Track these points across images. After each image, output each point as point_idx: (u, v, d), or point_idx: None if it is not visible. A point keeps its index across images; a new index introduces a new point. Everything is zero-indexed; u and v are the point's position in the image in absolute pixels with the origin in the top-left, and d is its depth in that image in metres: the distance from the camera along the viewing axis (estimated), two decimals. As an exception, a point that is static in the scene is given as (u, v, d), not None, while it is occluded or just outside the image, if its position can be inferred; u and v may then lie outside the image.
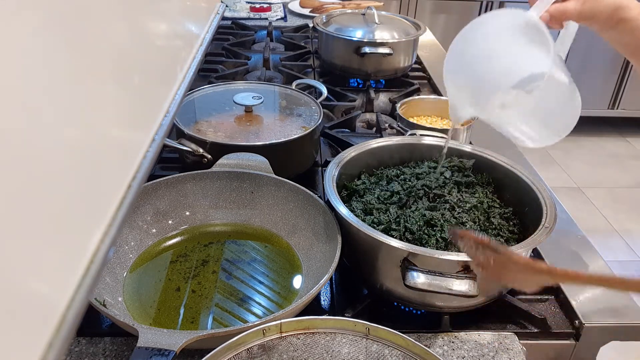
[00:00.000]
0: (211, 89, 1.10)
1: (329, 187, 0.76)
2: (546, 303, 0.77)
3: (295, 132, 0.96)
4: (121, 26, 0.47)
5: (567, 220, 0.93)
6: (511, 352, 0.68)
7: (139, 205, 0.80)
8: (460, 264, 0.65)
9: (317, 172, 1.05)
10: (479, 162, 0.88)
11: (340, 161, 0.83)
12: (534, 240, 0.69)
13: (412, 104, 1.15)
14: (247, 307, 0.71)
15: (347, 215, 0.71)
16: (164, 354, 0.54)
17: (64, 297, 0.34)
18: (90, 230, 0.39)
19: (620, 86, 3.17)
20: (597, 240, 0.93)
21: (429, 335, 0.70)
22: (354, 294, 0.78)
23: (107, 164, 0.43)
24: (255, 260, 0.79)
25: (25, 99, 0.30)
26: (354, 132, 1.22)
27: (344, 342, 0.58)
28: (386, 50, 1.39)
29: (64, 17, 0.35)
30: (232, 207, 0.86)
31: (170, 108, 0.60)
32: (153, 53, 0.58)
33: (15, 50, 0.29)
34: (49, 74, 0.33)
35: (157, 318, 0.69)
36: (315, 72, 1.52)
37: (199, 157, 0.90)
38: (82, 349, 0.66)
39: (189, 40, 0.77)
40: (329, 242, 0.75)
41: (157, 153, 0.53)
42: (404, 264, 0.66)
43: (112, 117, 0.45)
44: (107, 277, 0.71)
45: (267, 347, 0.56)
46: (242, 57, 1.56)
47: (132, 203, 0.45)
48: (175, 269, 0.77)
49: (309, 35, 1.79)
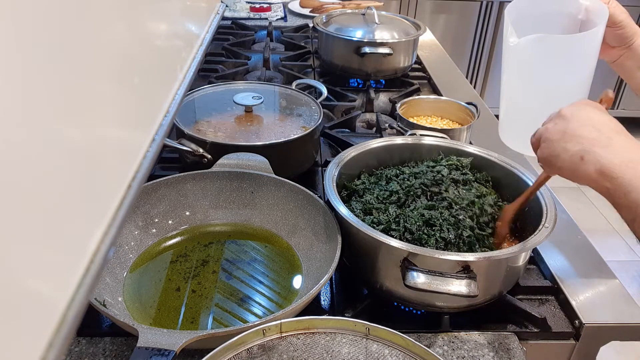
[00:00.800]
0: (211, 89, 1.10)
1: (329, 187, 0.76)
2: (546, 303, 0.77)
3: (295, 132, 0.96)
4: (121, 26, 0.47)
5: (567, 220, 0.93)
6: (511, 352, 0.68)
7: (139, 205, 0.80)
8: (460, 264, 0.65)
9: (317, 172, 1.05)
10: (479, 161, 0.88)
11: (340, 161, 0.83)
12: (534, 240, 0.69)
13: (412, 104, 1.15)
14: (247, 307, 0.71)
15: (347, 216, 0.71)
16: (164, 354, 0.54)
17: (64, 297, 0.34)
18: (90, 230, 0.39)
19: (620, 86, 3.17)
20: (597, 240, 0.93)
21: (429, 335, 0.70)
22: (354, 294, 0.78)
23: (107, 164, 0.43)
24: (255, 260, 0.79)
25: (25, 99, 0.30)
26: (354, 132, 1.22)
27: (344, 342, 0.58)
28: (386, 50, 1.39)
29: (64, 17, 0.35)
30: (232, 207, 0.86)
31: (170, 108, 0.60)
32: (153, 53, 0.58)
33: (15, 50, 0.29)
34: (48, 74, 0.33)
35: (157, 318, 0.69)
36: (315, 72, 1.52)
37: (199, 157, 0.90)
38: (82, 349, 0.66)
39: (189, 40, 0.77)
40: (329, 242, 0.75)
41: (157, 153, 0.53)
42: (404, 264, 0.66)
43: (112, 117, 0.45)
44: (107, 277, 0.71)
45: (267, 347, 0.56)
46: (242, 57, 1.56)
47: (132, 203, 0.45)
48: (175, 269, 0.77)
49: (309, 35, 1.79)
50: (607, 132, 0.61)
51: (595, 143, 0.60)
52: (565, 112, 0.65)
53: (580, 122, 0.62)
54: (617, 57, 0.82)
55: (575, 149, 0.61)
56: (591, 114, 0.63)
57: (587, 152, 0.60)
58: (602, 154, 0.58)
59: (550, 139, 0.64)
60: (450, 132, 1.02)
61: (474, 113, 1.10)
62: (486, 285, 0.68)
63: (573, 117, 0.63)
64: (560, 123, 0.64)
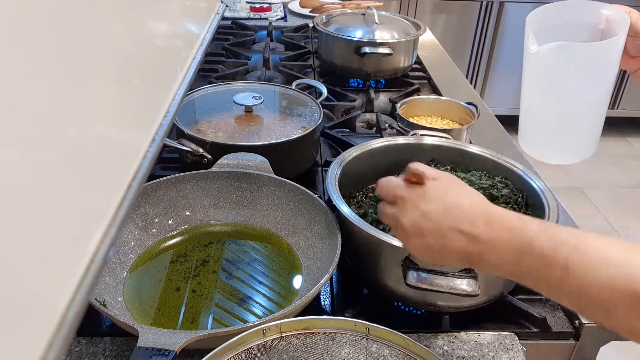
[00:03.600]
0: (211, 89, 1.10)
1: (332, 186, 0.76)
2: (546, 303, 0.77)
3: (295, 132, 0.96)
4: (121, 26, 0.47)
5: (567, 221, 0.93)
6: (511, 352, 0.68)
7: (139, 205, 0.80)
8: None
9: (317, 172, 1.05)
10: (480, 161, 0.88)
11: (342, 160, 0.83)
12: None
13: (412, 104, 1.15)
14: (247, 307, 0.71)
15: (349, 215, 0.71)
16: (164, 354, 0.54)
17: (64, 297, 0.34)
18: (90, 230, 0.39)
19: (620, 86, 3.17)
20: (597, 240, 0.93)
21: (429, 335, 0.70)
22: (354, 294, 0.78)
23: (107, 164, 0.43)
24: (255, 260, 0.79)
25: (24, 99, 0.30)
26: (354, 132, 1.22)
27: (344, 342, 0.58)
28: (386, 50, 1.39)
29: (64, 16, 0.35)
30: (232, 207, 0.86)
31: (170, 108, 0.60)
32: (153, 53, 0.58)
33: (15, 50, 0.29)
34: (48, 74, 0.33)
35: (157, 318, 0.69)
36: (315, 72, 1.52)
37: (199, 157, 0.90)
38: (82, 349, 0.66)
39: (189, 40, 0.77)
40: (329, 242, 0.75)
41: (157, 153, 0.53)
42: (405, 262, 0.66)
43: (112, 117, 0.45)
44: (107, 277, 0.71)
45: (267, 347, 0.56)
46: (242, 57, 1.56)
47: (132, 203, 0.45)
48: (175, 269, 0.77)
49: (309, 35, 1.79)
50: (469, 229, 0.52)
51: (469, 249, 0.52)
52: (408, 227, 0.55)
53: (437, 234, 0.53)
54: (637, 67, 0.79)
55: (457, 259, 0.54)
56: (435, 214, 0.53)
57: (466, 260, 0.53)
58: (485, 257, 0.51)
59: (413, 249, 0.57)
60: (450, 132, 1.02)
61: (474, 113, 1.10)
62: (487, 285, 0.68)
63: (424, 231, 0.54)
64: (415, 239, 0.55)
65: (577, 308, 0.50)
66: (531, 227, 0.49)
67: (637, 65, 0.80)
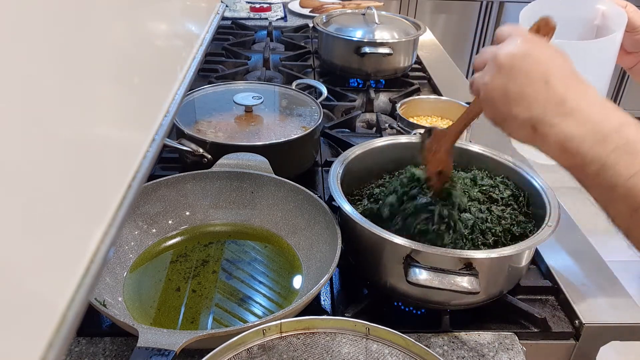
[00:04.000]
0: (211, 89, 1.10)
1: (334, 185, 0.76)
2: (546, 303, 0.77)
3: (295, 132, 0.96)
4: (121, 26, 0.47)
5: (567, 220, 0.94)
6: (511, 352, 0.68)
7: (139, 205, 0.80)
8: (462, 261, 0.65)
9: (317, 172, 1.05)
10: (481, 160, 0.88)
11: (345, 159, 0.83)
12: (537, 238, 0.69)
13: (412, 104, 1.15)
14: (247, 307, 0.71)
15: (351, 213, 0.71)
16: (164, 354, 0.54)
17: (64, 297, 0.34)
18: (90, 230, 0.39)
19: (620, 86, 3.17)
20: (597, 240, 0.93)
21: (429, 335, 0.70)
22: (354, 294, 0.78)
23: (107, 164, 0.43)
24: (255, 260, 0.79)
25: (24, 99, 0.30)
26: (354, 132, 1.22)
27: (344, 342, 0.58)
28: (386, 50, 1.39)
29: (64, 16, 0.35)
30: (232, 207, 0.86)
31: (170, 108, 0.60)
32: (153, 53, 0.58)
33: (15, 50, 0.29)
34: (48, 74, 0.33)
35: (157, 318, 0.69)
36: (315, 72, 1.52)
37: (199, 157, 0.90)
38: (82, 349, 0.66)
39: (189, 40, 0.77)
40: (329, 242, 0.75)
41: (157, 153, 0.53)
42: (407, 260, 0.66)
43: (112, 117, 0.45)
44: (107, 277, 0.71)
45: (267, 347, 0.56)
46: (242, 57, 1.56)
47: (132, 203, 0.45)
48: (175, 269, 0.77)
49: (309, 35, 1.79)
50: (560, 87, 0.49)
51: (548, 108, 0.48)
52: (503, 61, 0.52)
53: (525, 76, 0.50)
54: (634, 63, 0.78)
55: (524, 116, 0.50)
56: (535, 58, 0.51)
57: (540, 122, 0.49)
58: (561, 126, 0.47)
59: (492, 99, 0.53)
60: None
61: (474, 113, 1.10)
62: (488, 283, 0.69)
63: (514, 70, 0.51)
64: (498, 77, 0.52)
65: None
66: (622, 114, 0.47)
67: (633, 62, 0.78)
